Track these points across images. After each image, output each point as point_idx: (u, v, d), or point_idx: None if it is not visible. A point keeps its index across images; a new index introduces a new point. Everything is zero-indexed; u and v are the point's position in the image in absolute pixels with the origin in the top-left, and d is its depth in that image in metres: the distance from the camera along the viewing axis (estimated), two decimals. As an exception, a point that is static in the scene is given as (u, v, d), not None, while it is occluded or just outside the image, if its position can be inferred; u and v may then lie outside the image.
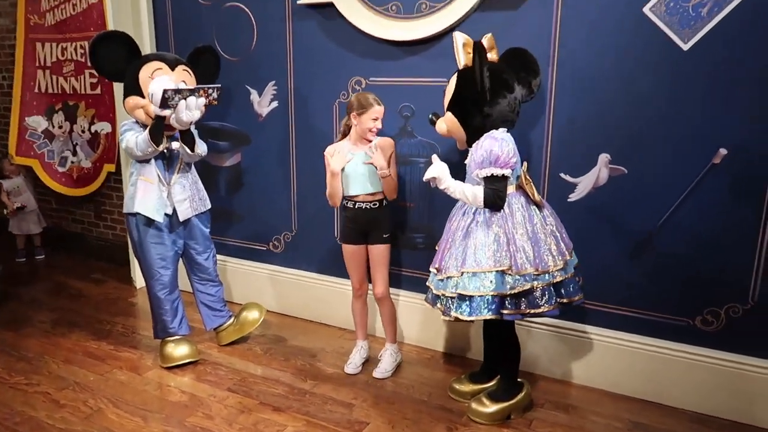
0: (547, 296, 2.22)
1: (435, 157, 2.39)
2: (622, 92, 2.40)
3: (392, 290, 2.90)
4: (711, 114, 2.27)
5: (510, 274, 2.18)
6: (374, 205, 2.66)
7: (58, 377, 2.77)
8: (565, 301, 2.30)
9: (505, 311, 2.20)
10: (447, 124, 2.33)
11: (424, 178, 2.34)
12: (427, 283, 2.47)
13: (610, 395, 2.62)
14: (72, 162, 4.37)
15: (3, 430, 2.36)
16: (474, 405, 2.43)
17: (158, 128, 2.56)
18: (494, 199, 2.21)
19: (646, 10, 2.30)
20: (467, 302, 2.22)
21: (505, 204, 2.23)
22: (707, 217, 2.35)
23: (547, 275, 2.21)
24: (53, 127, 4.39)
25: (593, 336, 2.65)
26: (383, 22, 2.82)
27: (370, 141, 2.62)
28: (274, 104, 3.27)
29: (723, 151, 2.28)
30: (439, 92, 2.73)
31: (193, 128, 2.77)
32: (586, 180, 2.54)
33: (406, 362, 2.90)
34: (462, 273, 2.24)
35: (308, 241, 3.35)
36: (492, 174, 2.19)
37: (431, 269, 2.43)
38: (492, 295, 2.18)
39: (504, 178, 2.21)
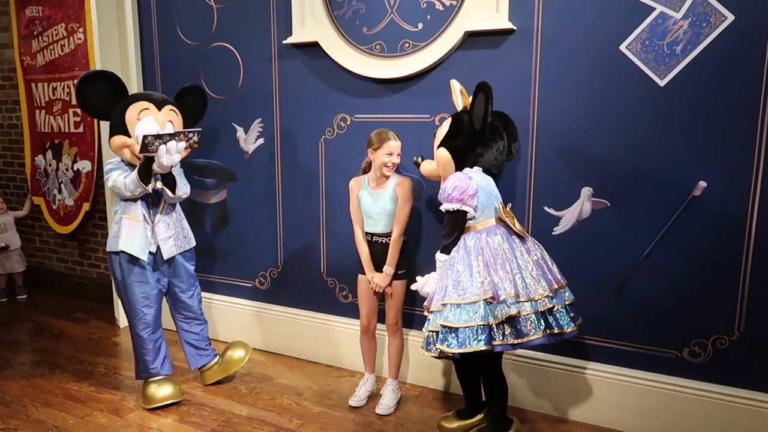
0: (534, 324, 2.17)
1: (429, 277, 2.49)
2: (602, 127, 2.45)
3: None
4: (689, 147, 2.32)
5: (493, 303, 2.15)
6: (390, 239, 2.69)
7: (37, 421, 2.69)
8: (556, 331, 2.22)
9: (495, 342, 2.15)
10: (439, 159, 2.40)
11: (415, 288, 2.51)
12: (423, 329, 2.38)
13: (601, 430, 2.59)
14: (59, 199, 4.37)
15: (-23, 478, 2.27)
16: (463, 442, 2.39)
17: (147, 169, 2.56)
18: (448, 232, 2.33)
19: (623, 48, 2.37)
20: (453, 334, 2.17)
21: (484, 236, 2.28)
22: (691, 248, 2.38)
23: (531, 303, 2.18)
24: (48, 165, 4.40)
25: (582, 370, 2.63)
26: (367, 60, 2.87)
27: (388, 177, 2.64)
28: (260, 141, 3.29)
29: (702, 184, 2.32)
30: (422, 128, 2.79)
31: (177, 168, 2.77)
32: (570, 213, 2.57)
33: (395, 400, 2.86)
34: (444, 304, 2.22)
35: (294, 278, 3.33)
36: (446, 209, 2.31)
37: (426, 313, 2.42)
38: (480, 325, 2.13)
39: (458, 213, 2.29)
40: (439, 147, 2.40)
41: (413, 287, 2.53)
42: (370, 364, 2.88)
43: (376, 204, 2.66)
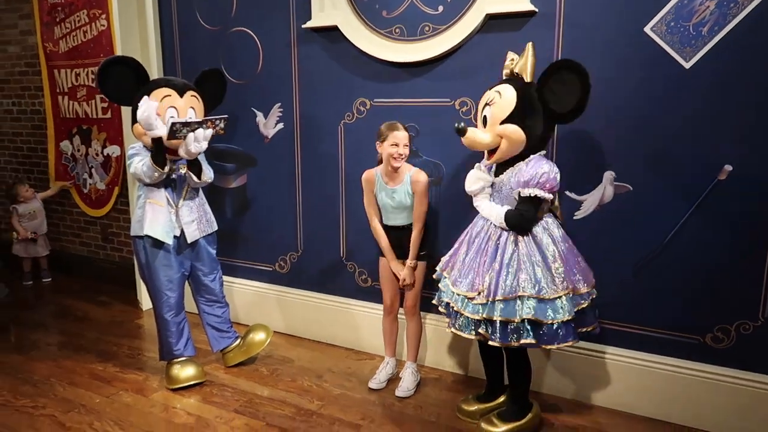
0: (593, 314, 2.29)
1: (482, 170, 2.35)
2: (625, 110, 2.42)
3: (398, 309, 2.89)
4: (715, 130, 2.29)
5: (573, 296, 2.18)
6: (409, 224, 2.70)
7: (64, 400, 2.76)
8: (582, 329, 2.29)
9: (579, 331, 2.23)
10: (509, 134, 2.16)
11: (469, 189, 2.33)
12: (457, 308, 2.29)
13: (623, 415, 2.59)
14: (90, 184, 4.44)
15: (8, 453, 2.35)
16: (484, 425, 2.40)
17: (159, 152, 2.58)
18: (519, 221, 2.18)
19: (647, 29, 2.33)
20: (544, 330, 2.15)
21: (549, 224, 2.23)
22: (714, 233, 2.35)
23: (592, 291, 2.27)
24: (75, 150, 4.46)
25: (604, 355, 2.62)
26: (387, 44, 2.86)
27: (396, 168, 2.61)
28: (280, 126, 3.30)
29: (728, 168, 2.28)
30: (442, 112, 2.78)
31: (201, 154, 2.80)
32: (592, 198, 2.55)
33: (414, 383, 2.88)
34: (518, 297, 2.15)
35: (314, 262, 3.36)
36: (535, 195, 2.15)
37: (461, 292, 2.28)
38: (568, 320, 2.15)
39: (542, 202, 2.19)
40: (506, 122, 2.17)
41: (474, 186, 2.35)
42: (390, 347, 2.90)
43: (393, 200, 2.66)
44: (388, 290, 2.81)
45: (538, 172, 2.15)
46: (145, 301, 3.82)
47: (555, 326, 2.14)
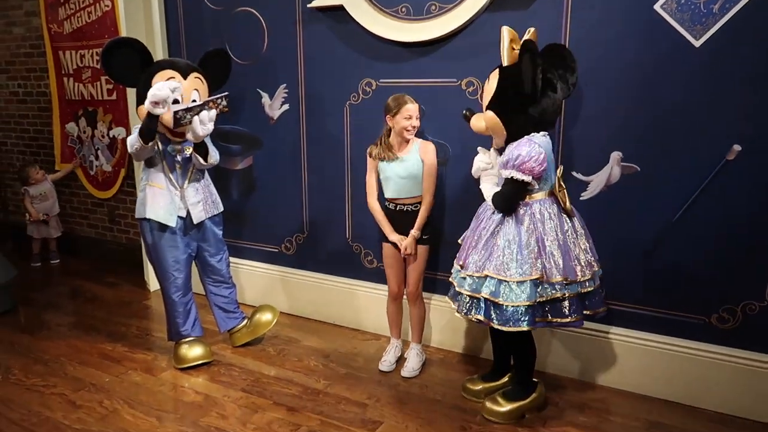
0: (574, 306, 2.22)
1: (486, 152, 2.37)
2: (633, 89, 2.40)
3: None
4: (724, 110, 2.26)
5: (540, 283, 2.17)
6: (415, 207, 2.68)
7: (74, 379, 2.80)
8: (589, 312, 2.29)
9: (536, 319, 2.20)
10: (487, 122, 2.24)
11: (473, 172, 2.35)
12: (450, 279, 2.47)
13: (627, 395, 2.60)
14: (96, 166, 4.46)
15: (21, 430, 2.38)
16: (489, 404, 2.42)
17: (150, 126, 2.56)
18: (499, 201, 2.23)
19: (657, 7, 2.30)
20: (498, 311, 2.20)
21: (537, 210, 2.21)
22: (721, 214, 2.34)
23: (575, 285, 2.22)
24: (81, 132, 4.47)
25: (609, 335, 2.63)
26: (393, 24, 2.83)
27: (408, 140, 2.63)
28: (285, 107, 3.29)
29: (737, 147, 2.26)
30: (449, 93, 2.76)
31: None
32: (598, 178, 2.53)
33: (419, 363, 2.90)
34: (486, 276, 2.22)
35: (320, 243, 3.37)
36: (512, 176, 2.16)
37: (456, 264, 2.43)
38: (526, 306, 2.16)
39: (522, 184, 2.18)
40: (487, 108, 2.25)
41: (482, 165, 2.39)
42: (396, 329, 2.92)
43: (401, 167, 2.64)
44: (394, 276, 2.81)
45: (515, 154, 2.15)
46: (153, 282, 3.85)
47: (510, 309, 2.16)
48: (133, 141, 2.60)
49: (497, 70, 2.24)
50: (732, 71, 2.23)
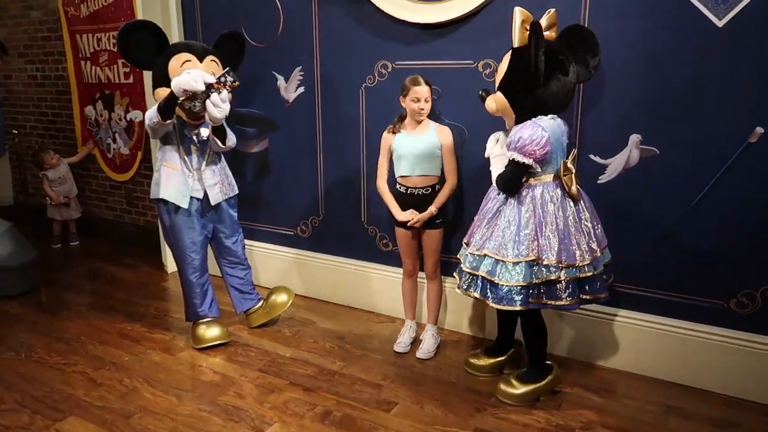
0: (570, 290, 2.20)
1: (494, 136, 2.38)
2: (653, 71, 2.36)
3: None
4: (746, 92, 2.22)
5: (536, 264, 2.18)
6: (426, 190, 2.68)
7: (95, 357, 2.85)
8: (588, 297, 2.27)
9: (531, 301, 2.21)
10: (497, 103, 2.26)
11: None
12: (458, 255, 2.50)
13: (644, 379, 2.59)
14: (114, 149, 4.50)
15: (44, 407, 2.44)
16: (503, 386, 2.43)
17: (170, 103, 2.56)
18: (501, 182, 2.25)
19: (679, -15, 2.25)
20: (493, 289, 2.24)
21: (539, 193, 2.21)
22: (742, 197, 2.30)
23: (573, 269, 2.19)
24: (98, 116, 4.51)
25: (626, 319, 2.62)
26: (409, 5, 2.80)
27: (420, 122, 2.65)
28: (301, 90, 3.28)
29: (759, 130, 2.22)
30: (465, 74, 2.74)
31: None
32: (617, 161, 2.51)
33: (434, 345, 2.92)
34: (485, 255, 2.26)
35: (335, 226, 3.38)
36: (513, 158, 2.18)
37: (463, 242, 2.47)
38: (520, 286, 2.19)
39: (523, 166, 2.18)
40: (497, 90, 2.27)
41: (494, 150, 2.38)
42: (411, 310, 2.93)
43: (417, 145, 2.64)
44: (408, 256, 2.83)
45: (517, 137, 2.16)
46: (170, 264, 3.90)
47: (505, 288, 2.20)
48: (151, 115, 2.60)
49: (510, 51, 2.22)
50: (755, 51, 2.18)
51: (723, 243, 2.37)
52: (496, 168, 2.35)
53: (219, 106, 2.56)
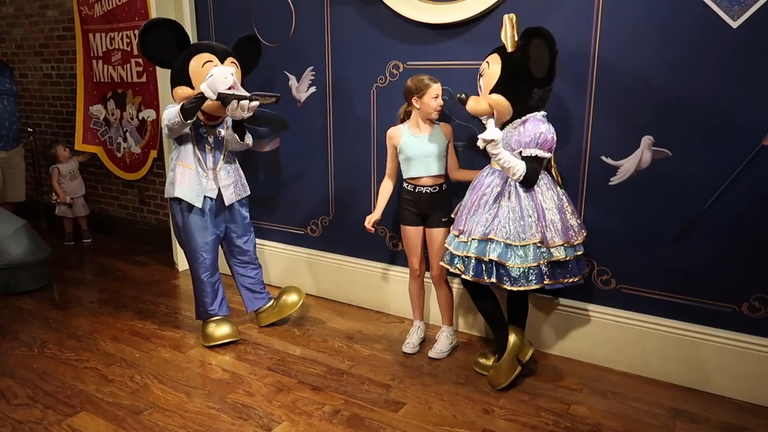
0: (569, 268, 2.39)
1: (491, 122, 2.34)
2: (666, 72, 2.34)
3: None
4: (761, 93, 2.20)
5: (542, 247, 2.30)
6: (434, 189, 2.70)
7: (107, 354, 2.88)
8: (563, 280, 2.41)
9: (546, 281, 2.34)
10: (494, 105, 2.36)
11: (480, 141, 2.29)
12: (445, 244, 2.56)
13: (653, 382, 2.58)
14: (124, 148, 4.53)
15: (56, 402, 2.47)
16: (488, 374, 2.56)
17: (195, 105, 2.57)
18: (531, 177, 2.32)
19: (693, -14, 2.24)
20: (505, 272, 2.33)
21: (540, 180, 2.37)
22: (755, 200, 2.28)
23: (572, 249, 2.37)
24: (110, 114, 4.54)
25: (636, 322, 2.60)
26: (421, 5, 2.80)
27: (432, 121, 2.68)
28: (312, 90, 3.30)
29: (774, 133, 2.20)
30: (476, 75, 2.72)
31: None
32: (629, 163, 2.49)
33: (443, 346, 2.91)
34: (491, 239, 2.33)
35: (345, 226, 3.39)
36: (536, 155, 2.30)
37: (452, 232, 2.54)
38: (532, 267, 2.31)
39: (542, 161, 2.34)
40: (492, 92, 2.35)
41: (487, 136, 2.29)
42: (419, 310, 2.93)
43: (428, 146, 2.65)
44: (414, 253, 2.82)
45: (537, 133, 2.29)
46: (181, 262, 3.93)
47: (519, 270, 2.31)
48: (172, 115, 2.60)
49: (496, 54, 2.34)
50: (771, 53, 2.16)
51: (735, 246, 2.35)
52: (509, 156, 2.29)
53: (244, 110, 2.58)
